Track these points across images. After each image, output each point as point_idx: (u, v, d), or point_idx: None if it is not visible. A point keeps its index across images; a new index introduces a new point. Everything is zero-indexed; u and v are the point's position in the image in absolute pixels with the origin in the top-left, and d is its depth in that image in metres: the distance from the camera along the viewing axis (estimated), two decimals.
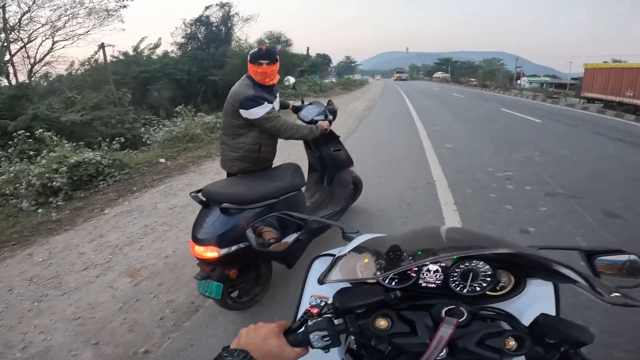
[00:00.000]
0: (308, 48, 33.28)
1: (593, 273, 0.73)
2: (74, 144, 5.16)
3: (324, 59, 39.68)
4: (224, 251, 1.62)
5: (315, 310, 0.57)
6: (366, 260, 0.71)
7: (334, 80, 28.56)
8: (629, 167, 4.70)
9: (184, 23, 24.51)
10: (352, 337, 0.67)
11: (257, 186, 1.88)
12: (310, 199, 2.69)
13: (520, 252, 0.56)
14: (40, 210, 3.53)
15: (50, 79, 17.10)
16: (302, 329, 0.55)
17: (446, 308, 0.58)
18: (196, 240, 1.67)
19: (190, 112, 7.27)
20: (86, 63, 16.99)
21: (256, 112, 1.93)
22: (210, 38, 24.76)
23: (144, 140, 7.76)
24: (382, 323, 0.56)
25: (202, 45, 24.69)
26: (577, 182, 4.02)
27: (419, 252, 0.61)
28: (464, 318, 0.57)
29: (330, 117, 2.48)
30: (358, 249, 0.80)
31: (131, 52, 20.22)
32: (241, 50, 22.57)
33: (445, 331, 0.54)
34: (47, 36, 15.97)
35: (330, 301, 0.60)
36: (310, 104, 2.57)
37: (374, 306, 0.58)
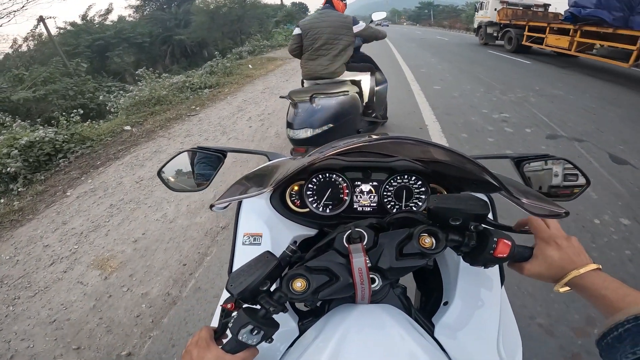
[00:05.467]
0: None
1: (523, 179, 0.72)
2: (28, 121, 4.66)
3: (300, 8, 37.05)
4: (316, 131, 2.16)
5: (229, 305, 0.49)
6: (264, 176, 0.64)
7: None
8: (626, 108, 4.49)
9: None
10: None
11: (332, 84, 2.51)
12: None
13: (447, 148, 0.52)
14: (1, 200, 3.23)
15: (6, 58, 16.08)
16: (229, 333, 0.48)
17: (344, 236, 0.52)
18: (291, 125, 2.20)
19: (153, 74, 6.59)
20: (30, 38, 16.00)
21: (360, 25, 2.66)
22: None
23: (107, 108, 7.22)
24: (298, 285, 0.49)
25: (161, 5, 23.20)
26: (576, 124, 3.81)
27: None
28: (366, 239, 0.51)
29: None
30: (263, 168, 0.74)
31: (79, 21, 19.12)
32: (207, 5, 20.73)
33: (359, 261, 0.48)
34: None
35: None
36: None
37: (277, 273, 0.51)
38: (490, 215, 0.67)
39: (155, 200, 2.77)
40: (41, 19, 14.75)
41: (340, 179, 0.72)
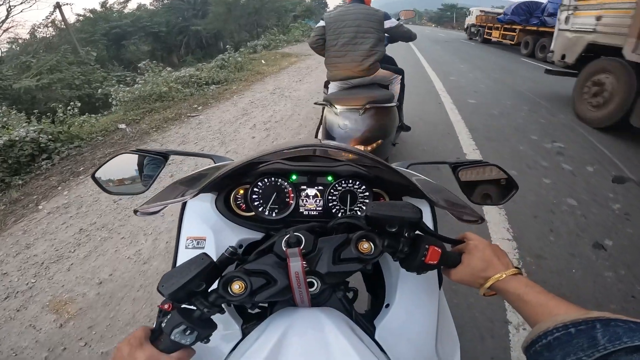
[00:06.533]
0: None
1: (459, 184, 0.76)
2: (21, 113, 4.29)
3: (320, 3, 36.60)
4: (367, 150, 1.89)
5: (166, 306, 0.46)
6: (198, 179, 0.67)
7: None
8: None
9: None
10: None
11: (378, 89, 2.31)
12: None
13: (367, 155, 0.58)
14: None
15: (22, 43, 16.16)
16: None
17: (283, 240, 0.51)
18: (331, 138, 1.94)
19: (156, 67, 6.15)
20: (49, 25, 16.06)
21: (392, 22, 2.40)
22: None
23: (110, 100, 6.83)
24: (236, 287, 0.47)
25: None
26: None
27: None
28: (304, 243, 0.51)
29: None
30: (201, 171, 0.76)
31: (99, 9, 19.35)
32: None
33: (295, 265, 0.48)
34: (1, 2, 14.65)
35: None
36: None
37: (214, 275, 0.49)
38: (431, 226, 0.69)
39: (130, 230, 2.32)
40: (58, 6, 14.72)
41: (286, 183, 0.73)
